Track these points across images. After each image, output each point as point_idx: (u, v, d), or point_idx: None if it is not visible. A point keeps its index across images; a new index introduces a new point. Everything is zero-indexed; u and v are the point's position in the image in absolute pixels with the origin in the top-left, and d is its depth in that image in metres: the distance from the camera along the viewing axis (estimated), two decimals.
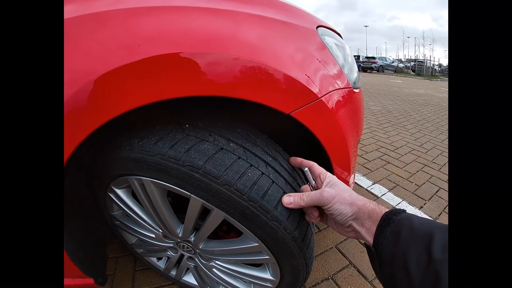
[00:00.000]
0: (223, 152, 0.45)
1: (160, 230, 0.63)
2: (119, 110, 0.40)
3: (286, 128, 0.58)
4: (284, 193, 0.47)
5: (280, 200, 0.46)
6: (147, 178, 0.48)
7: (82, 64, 0.37)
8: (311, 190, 0.47)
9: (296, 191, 0.50)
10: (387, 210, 0.40)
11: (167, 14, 0.42)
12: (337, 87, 0.56)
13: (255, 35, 0.46)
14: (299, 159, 0.54)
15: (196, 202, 0.47)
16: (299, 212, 0.49)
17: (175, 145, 0.44)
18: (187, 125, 0.49)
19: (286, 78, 0.46)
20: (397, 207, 1.67)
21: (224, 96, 0.43)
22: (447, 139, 2.65)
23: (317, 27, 0.61)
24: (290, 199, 0.46)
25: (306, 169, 0.49)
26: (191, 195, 0.46)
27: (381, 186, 1.59)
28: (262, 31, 0.48)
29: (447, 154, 2.18)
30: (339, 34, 0.75)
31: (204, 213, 0.52)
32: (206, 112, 0.56)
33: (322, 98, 0.51)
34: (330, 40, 0.62)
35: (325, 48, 0.58)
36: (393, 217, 0.37)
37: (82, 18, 0.39)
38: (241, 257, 0.59)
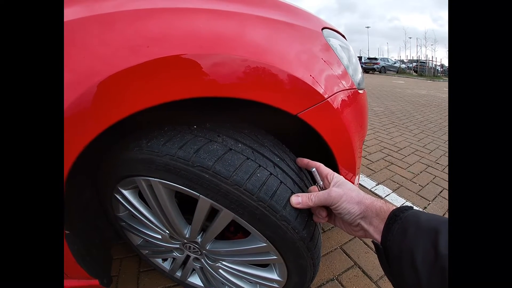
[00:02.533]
0: (232, 153, 0.46)
1: (167, 231, 0.63)
2: (127, 112, 0.40)
3: (290, 129, 0.59)
4: (292, 193, 0.47)
5: (288, 200, 0.46)
6: (155, 179, 0.48)
7: (88, 66, 0.38)
8: (319, 191, 0.47)
9: (303, 192, 0.50)
10: (394, 207, 0.40)
11: (174, 16, 0.43)
12: (342, 88, 0.57)
13: (263, 37, 0.47)
14: (306, 160, 0.54)
15: (204, 203, 0.47)
16: (307, 212, 0.49)
17: (184, 145, 0.45)
18: (195, 126, 0.50)
19: (294, 79, 0.46)
20: None
21: (232, 97, 0.43)
22: None
23: (322, 28, 0.61)
24: (298, 199, 0.46)
25: (314, 169, 0.49)
26: (200, 195, 0.46)
27: (385, 187, 1.58)
28: (269, 33, 0.48)
29: None
30: (343, 36, 0.75)
31: (211, 214, 0.52)
32: (213, 113, 0.56)
33: (328, 99, 0.51)
34: (335, 41, 0.63)
35: (331, 49, 0.58)
36: (400, 214, 0.38)
37: (87, 20, 0.39)
38: (248, 258, 0.59)
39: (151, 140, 0.47)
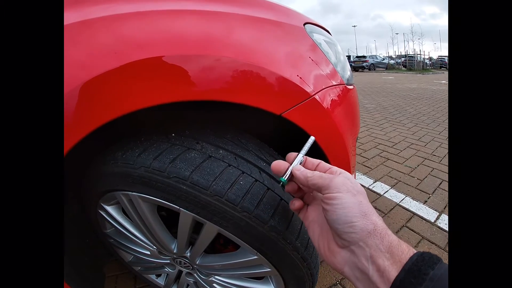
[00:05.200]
0: (212, 160, 0.42)
1: (155, 247, 0.59)
2: (108, 117, 0.37)
3: (285, 129, 0.55)
4: (282, 200, 0.44)
5: (277, 208, 0.42)
6: (134, 193, 0.45)
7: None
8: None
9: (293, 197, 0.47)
10: (414, 251, 0.26)
11: (151, 18, 0.40)
12: (329, 84, 0.54)
13: (240, 34, 0.44)
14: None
15: (186, 216, 0.44)
16: (300, 221, 0.46)
17: (159, 155, 0.41)
18: (173, 134, 0.46)
19: (273, 76, 0.43)
20: (401, 204, 1.56)
21: (206, 100, 0.40)
22: (444, 131, 2.64)
23: (305, 24, 0.59)
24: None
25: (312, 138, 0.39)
26: (180, 208, 0.42)
27: (382, 184, 1.56)
28: (247, 30, 0.45)
29: (446, 146, 2.17)
30: (327, 31, 0.73)
31: (198, 227, 0.48)
32: (191, 119, 0.53)
33: (314, 96, 0.48)
34: (319, 37, 0.60)
35: (314, 45, 0.56)
36: (428, 270, 0.24)
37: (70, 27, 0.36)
38: (241, 271, 0.55)
39: (126, 152, 0.44)
